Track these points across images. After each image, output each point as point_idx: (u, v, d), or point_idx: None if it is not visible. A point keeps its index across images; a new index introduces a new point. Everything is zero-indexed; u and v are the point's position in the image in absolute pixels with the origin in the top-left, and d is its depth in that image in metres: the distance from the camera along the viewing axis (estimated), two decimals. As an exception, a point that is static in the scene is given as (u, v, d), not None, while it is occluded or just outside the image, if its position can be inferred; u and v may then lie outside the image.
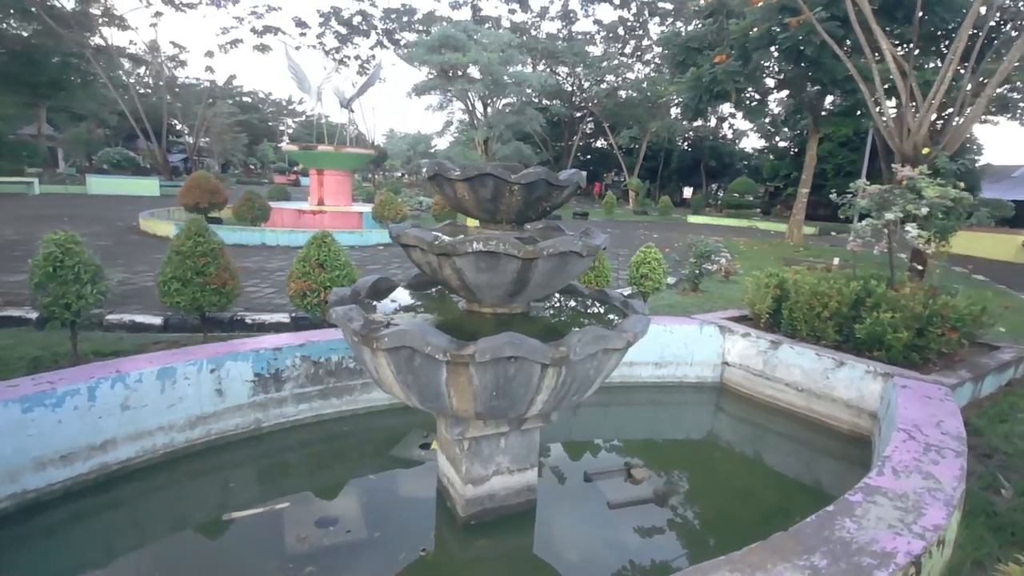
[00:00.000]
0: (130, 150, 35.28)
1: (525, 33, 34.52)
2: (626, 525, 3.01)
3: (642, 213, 28.56)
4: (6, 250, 9.01)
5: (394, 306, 2.93)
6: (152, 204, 18.08)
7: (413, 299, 3.12)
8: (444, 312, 2.90)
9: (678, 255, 8.35)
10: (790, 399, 4.56)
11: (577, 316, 3.06)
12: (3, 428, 2.75)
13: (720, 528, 3.09)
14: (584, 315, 3.08)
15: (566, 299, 3.35)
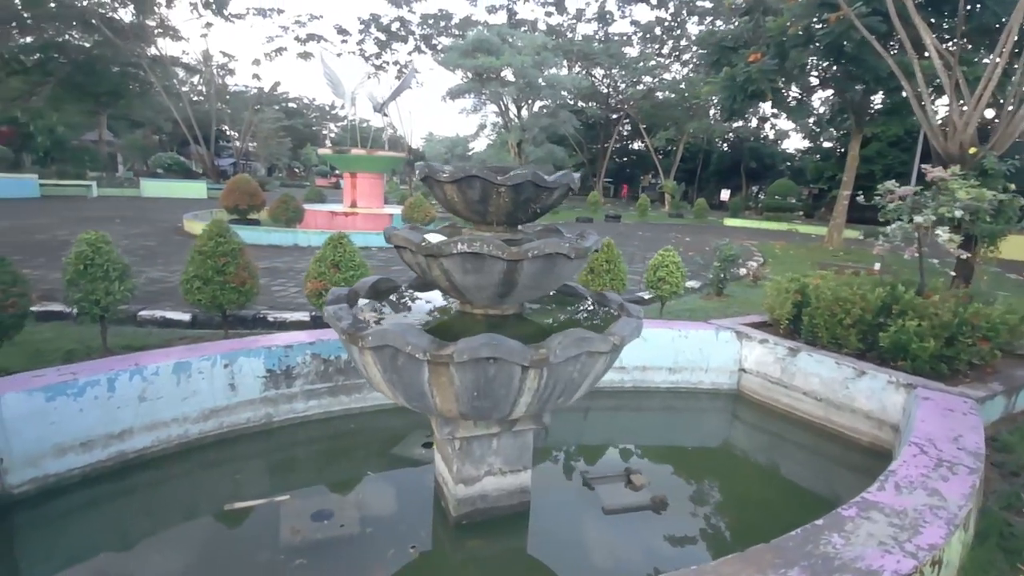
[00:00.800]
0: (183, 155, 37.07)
1: (561, 36, 34.46)
2: (619, 531, 2.97)
3: (677, 216, 28.03)
4: (57, 250, 9.59)
5: (389, 306, 2.98)
6: (199, 206, 18.90)
7: (411, 300, 3.16)
8: (439, 313, 2.93)
9: (702, 258, 8.15)
10: (808, 409, 4.39)
11: (572, 318, 3.04)
12: (27, 415, 2.94)
13: (717, 539, 3.01)
14: (579, 317, 3.06)
15: (564, 301, 3.32)
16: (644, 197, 26.81)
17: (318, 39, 34.49)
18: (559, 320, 3.00)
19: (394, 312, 2.93)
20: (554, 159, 29.45)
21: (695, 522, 3.12)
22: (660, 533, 2.97)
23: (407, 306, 3.06)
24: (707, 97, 14.42)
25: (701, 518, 3.17)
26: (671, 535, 2.98)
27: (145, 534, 2.89)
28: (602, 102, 37.04)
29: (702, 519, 3.17)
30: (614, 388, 4.88)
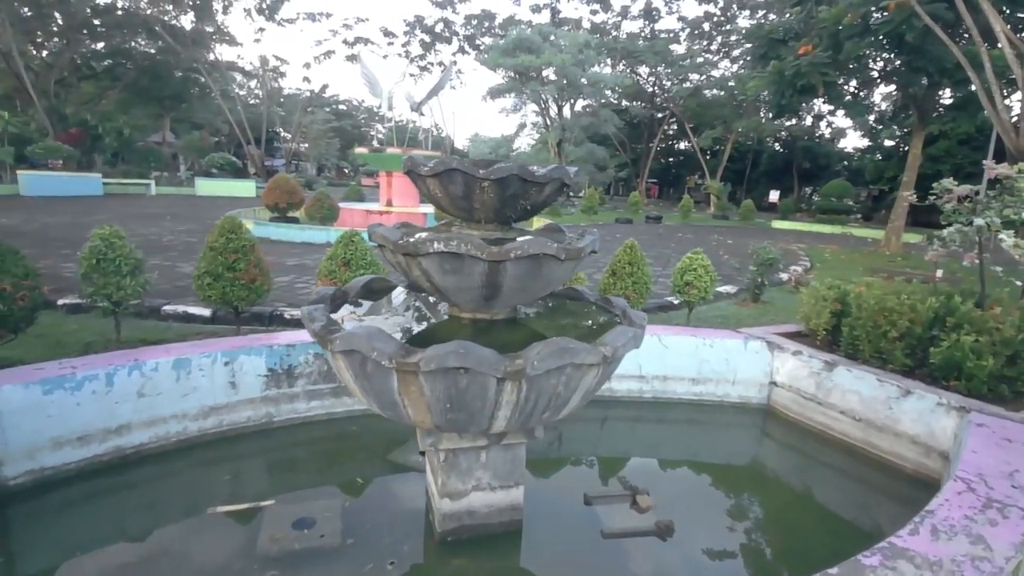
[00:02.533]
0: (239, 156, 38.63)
1: (605, 34, 33.89)
2: (615, 559, 2.72)
3: (722, 218, 27.02)
4: (108, 244, 10.03)
5: (374, 308, 2.84)
6: (247, 204, 19.56)
7: (404, 301, 3.02)
8: (430, 316, 2.77)
9: (739, 262, 7.69)
10: (845, 429, 3.99)
11: (568, 324, 2.82)
12: (24, 408, 2.96)
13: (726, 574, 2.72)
14: (577, 323, 2.83)
15: (565, 306, 3.10)
16: (687, 198, 25.98)
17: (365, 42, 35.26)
18: (557, 326, 2.78)
19: (381, 314, 2.78)
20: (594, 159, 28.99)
21: (703, 554, 2.83)
22: (661, 564, 2.71)
23: (397, 308, 2.92)
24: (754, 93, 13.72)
25: (710, 549, 2.88)
26: (672, 568, 2.71)
27: (132, 532, 2.86)
28: (646, 101, 36.25)
29: (711, 550, 2.87)
30: (632, 398, 4.60)
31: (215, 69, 34.96)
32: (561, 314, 2.99)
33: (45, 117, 28.51)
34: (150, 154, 33.05)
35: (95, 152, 31.76)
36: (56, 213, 14.95)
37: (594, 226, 19.50)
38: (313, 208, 12.47)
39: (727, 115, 32.31)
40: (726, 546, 2.90)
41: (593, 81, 25.45)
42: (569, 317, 2.95)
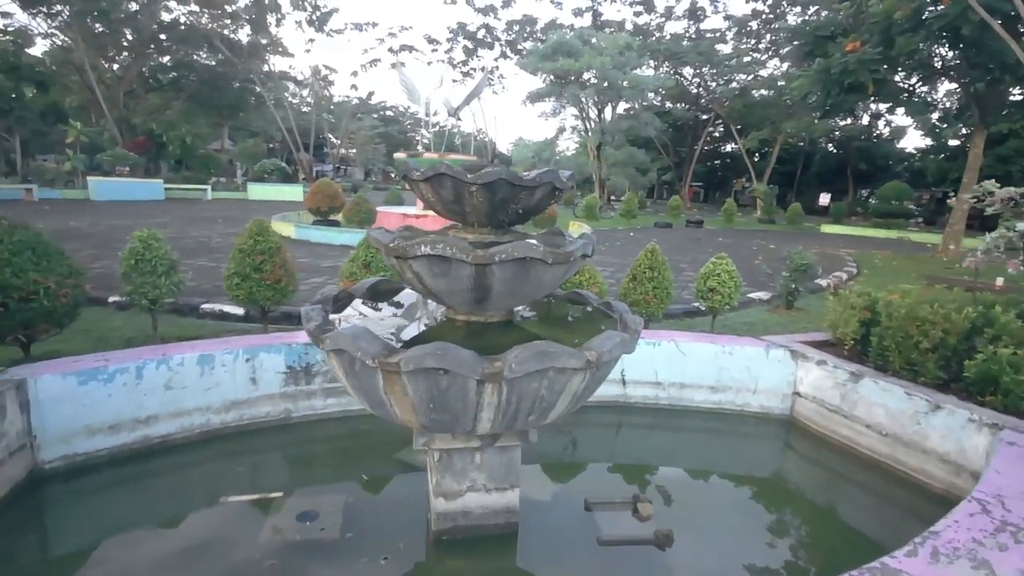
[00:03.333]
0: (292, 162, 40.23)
1: (648, 35, 33.42)
2: (610, 567, 2.69)
3: (768, 222, 26.09)
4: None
5: (377, 309, 2.92)
6: (295, 207, 20.31)
7: (413, 303, 3.08)
8: (427, 319, 2.82)
9: (770, 267, 7.43)
10: (871, 444, 3.80)
11: (566, 327, 2.81)
12: (60, 397, 3.19)
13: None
14: (575, 327, 2.82)
15: (566, 309, 3.09)
16: (730, 201, 25.22)
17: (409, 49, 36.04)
18: (553, 329, 2.78)
19: (383, 315, 2.86)
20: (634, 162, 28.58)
21: (700, 567, 2.76)
22: (652, 574, 2.66)
23: (404, 310, 2.98)
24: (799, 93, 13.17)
25: (709, 563, 2.81)
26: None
27: (153, 517, 3.03)
28: (690, 102, 35.49)
29: (710, 564, 2.80)
30: (648, 405, 4.53)
31: (269, 79, 36.57)
32: (560, 317, 2.99)
33: (115, 127, 30.55)
34: (209, 161, 34.87)
35: (160, 159, 33.80)
36: (120, 216, 15.98)
37: (632, 230, 19.24)
38: (352, 212, 12.86)
39: (776, 116, 31.21)
40: (727, 561, 2.82)
41: (634, 83, 25.13)
42: (567, 320, 2.94)
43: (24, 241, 3.56)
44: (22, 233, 3.60)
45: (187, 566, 2.57)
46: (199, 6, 31.69)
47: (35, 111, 29.05)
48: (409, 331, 2.66)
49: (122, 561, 2.60)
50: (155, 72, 36.83)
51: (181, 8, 31.82)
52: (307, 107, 43.49)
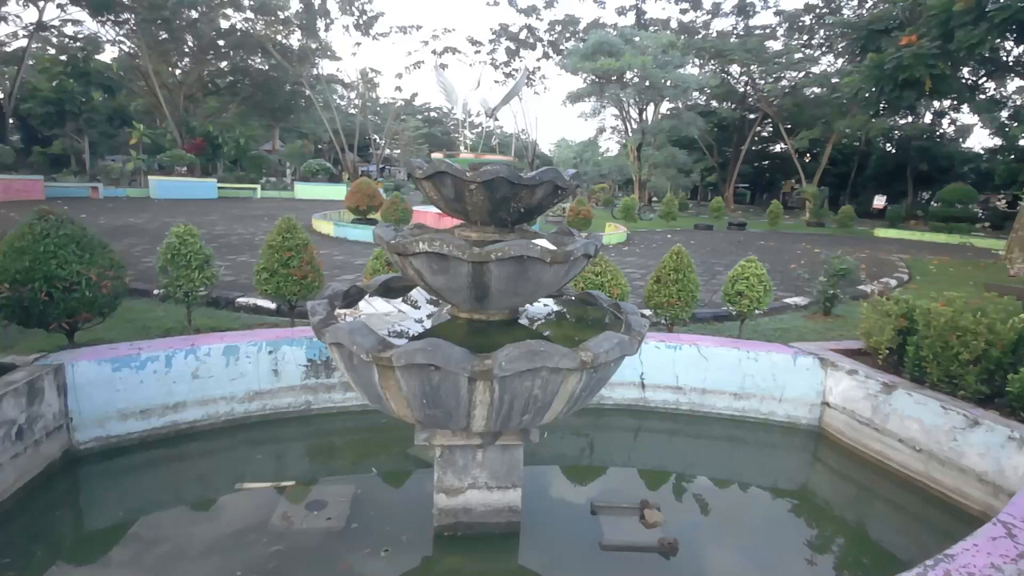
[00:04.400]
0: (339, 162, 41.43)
1: (694, 33, 32.64)
2: (611, 571, 2.64)
3: (817, 225, 25.00)
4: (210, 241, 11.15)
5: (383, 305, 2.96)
6: (338, 206, 20.86)
7: (418, 301, 3.12)
8: (435, 317, 2.84)
9: (807, 271, 7.11)
10: (903, 460, 3.59)
11: (571, 327, 2.78)
12: (96, 382, 3.39)
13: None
14: (581, 327, 2.79)
15: (574, 309, 3.06)
16: (776, 203, 24.30)
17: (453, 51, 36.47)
18: (559, 328, 2.76)
19: (390, 311, 2.90)
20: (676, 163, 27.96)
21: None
22: (655, 583, 2.60)
23: (411, 306, 3.02)
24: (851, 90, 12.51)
25: (715, 574, 2.72)
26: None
27: (177, 499, 3.20)
28: (737, 101, 34.44)
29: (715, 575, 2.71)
30: (668, 409, 4.43)
31: (318, 82, 37.76)
32: (568, 317, 2.96)
33: (175, 129, 32.22)
34: (261, 161, 36.31)
35: (216, 159, 35.43)
36: (176, 214, 16.84)
37: (670, 232, 18.85)
38: (389, 211, 13.12)
39: (829, 114, 29.89)
40: (728, 572, 2.72)
41: (676, 83, 24.59)
42: (574, 320, 2.91)
43: (69, 235, 3.80)
44: (68, 227, 3.84)
45: (199, 546, 2.68)
46: (254, 13, 33.05)
47: (103, 114, 30.93)
48: (417, 328, 2.69)
49: (145, 538, 2.74)
50: (213, 77, 38.62)
51: (237, 15, 33.30)
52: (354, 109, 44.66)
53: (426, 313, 2.86)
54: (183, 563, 2.56)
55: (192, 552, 2.64)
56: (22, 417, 2.91)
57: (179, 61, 35.49)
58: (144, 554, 2.62)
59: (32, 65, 29.99)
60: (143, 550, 2.65)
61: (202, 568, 2.53)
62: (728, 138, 37.41)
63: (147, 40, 30.36)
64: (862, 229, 23.88)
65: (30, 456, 2.97)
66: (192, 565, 2.55)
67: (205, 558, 2.60)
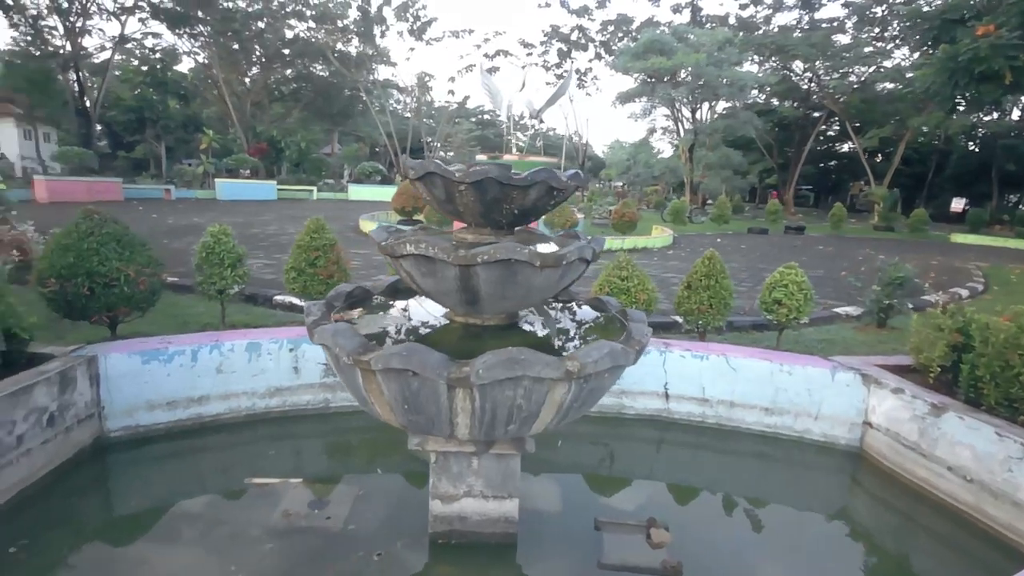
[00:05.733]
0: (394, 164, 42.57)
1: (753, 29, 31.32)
2: (606, 593, 2.51)
3: (885, 229, 23.38)
4: (260, 240, 11.69)
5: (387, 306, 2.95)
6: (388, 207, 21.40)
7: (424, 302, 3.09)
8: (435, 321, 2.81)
9: (858, 280, 6.60)
10: (952, 490, 3.25)
11: (571, 334, 2.67)
12: (126, 374, 3.57)
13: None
14: (582, 334, 2.67)
15: (580, 314, 2.94)
16: (839, 206, 22.91)
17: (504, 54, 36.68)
18: (559, 334, 2.66)
19: (393, 315, 2.88)
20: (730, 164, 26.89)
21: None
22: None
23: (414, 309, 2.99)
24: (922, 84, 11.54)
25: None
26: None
27: (196, 488, 3.31)
28: (800, 99, 32.78)
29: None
30: (692, 422, 4.22)
31: (374, 87, 38.93)
32: (572, 323, 2.85)
33: (242, 134, 34.06)
34: (320, 164, 37.80)
35: (279, 162, 37.17)
36: (236, 214, 17.75)
37: (720, 236, 18.14)
38: (431, 211, 13.29)
39: (902, 111, 27.94)
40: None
41: (732, 80, 23.65)
42: (577, 327, 2.80)
43: (111, 233, 4.02)
44: (110, 226, 4.07)
45: (204, 537, 2.76)
46: (316, 22, 34.48)
47: (178, 121, 33.12)
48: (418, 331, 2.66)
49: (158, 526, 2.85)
50: (278, 84, 40.58)
51: (301, 25, 34.86)
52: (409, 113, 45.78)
53: (428, 317, 2.83)
54: (182, 550, 2.64)
55: (195, 542, 2.72)
56: (53, 405, 3.08)
57: (248, 70, 37.49)
58: (149, 541, 2.72)
59: (117, 76, 32.48)
60: (151, 537, 2.75)
61: (201, 558, 2.60)
62: (789, 138, 35.67)
63: (219, 51, 32.28)
64: (937, 234, 22.17)
65: (60, 442, 3.15)
66: (190, 554, 2.62)
67: (206, 549, 2.67)
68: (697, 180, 28.41)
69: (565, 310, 3.01)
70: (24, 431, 2.86)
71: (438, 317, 2.76)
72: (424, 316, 2.82)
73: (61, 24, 25.95)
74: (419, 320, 2.75)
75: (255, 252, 10.08)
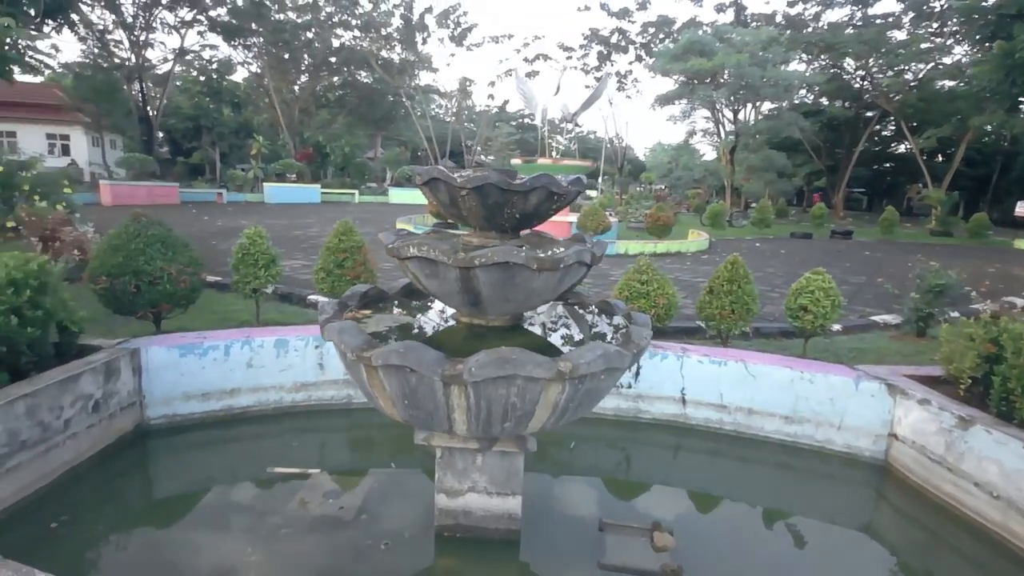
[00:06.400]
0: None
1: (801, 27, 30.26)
2: (603, 592, 2.54)
3: (943, 234, 22.14)
4: (301, 242, 12.15)
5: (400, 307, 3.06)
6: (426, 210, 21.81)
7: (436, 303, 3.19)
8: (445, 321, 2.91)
9: (896, 287, 6.32)
10: (978, 507, 3.11)
11: (576, 336, 2.72)
12: (165, 366, 3.82)
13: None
14: (588, 335, 2.72)
15: (585, 317, 2.99)
16: (890, 210, 21.85)
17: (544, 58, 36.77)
18: (563, 336, 2.71)
19: (403, 315, 2.99)
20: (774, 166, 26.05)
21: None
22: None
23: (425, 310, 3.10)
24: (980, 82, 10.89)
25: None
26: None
27: (226, 475, 3.53)
28: (851, 98, 31.45)
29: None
30: (710, 428, 4.17)
31: (416, 93, 39.77)
32: (578, 325, 2.89)
33: (290, 140, 35.39)
34: (363, 168, 38.85)
35: (325, 167, 38.42)
36: (281, 217, 18.48)
37: (760, 240, 17.62)
38: (466, 216, 13.50)
39: (962, 110, 26.37)
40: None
41: (776, 80, 22.93)
42: (584, 329, 2.84)
43: (156, 235, 4.32)
44: (156, 228, 4.37)
45: (225, 518, 2.95)
46: (361, 31, 35.53)
47: (231, 128, 34.68)
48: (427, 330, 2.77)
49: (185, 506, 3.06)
50: (325, 91, 41.97)
51: (346, 34, 35.97)
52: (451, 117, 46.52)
53: (437, 317, 2.93)
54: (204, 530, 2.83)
55: (218, 524, 2.91)
56: (99, 393, 3.35)
57: (296, 78, 38.94)
58: (176, 520, 2.92)
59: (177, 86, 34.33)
60: (178, 517, 2.96)
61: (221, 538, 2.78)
62: (839, 139, 34.24)
63: (271, 60, 33.69)
64: (1000, 239, 20.85)
65: (104, 427, 3.41)
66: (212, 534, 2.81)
67: (226, 530, 2.85)
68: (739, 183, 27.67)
69: (573, 312, 3.05)
70: (71, 416, 3.11)
71: (446, 318, 2.86)
72: (433, 317, 2.93)
73: (126, 38, 27.66)
74: (427, 320, 2.86)
75: (294, 254, 10.51)
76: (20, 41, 11.75)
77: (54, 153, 31.12)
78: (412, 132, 47.08)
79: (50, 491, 2.98)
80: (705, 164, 37.21)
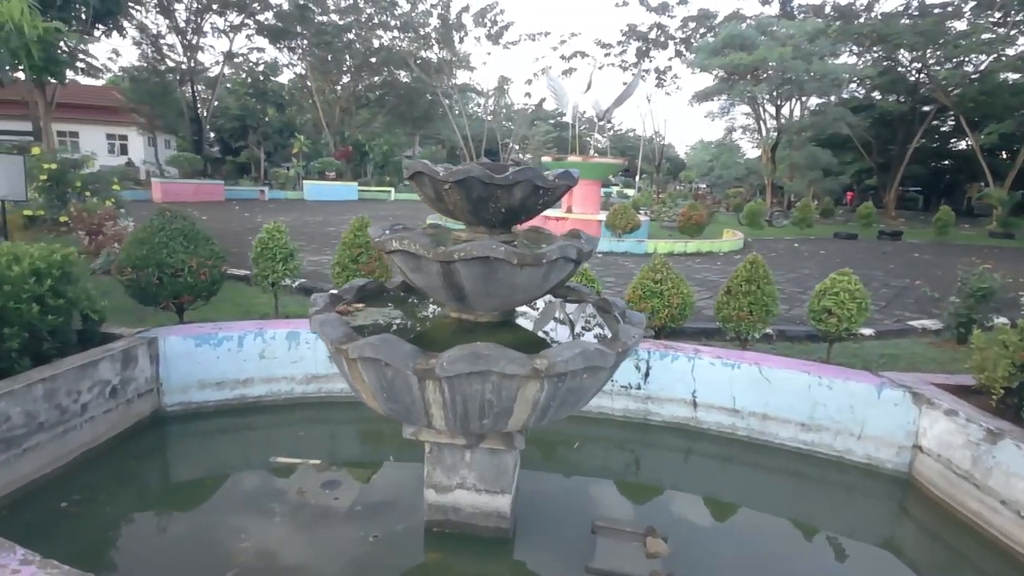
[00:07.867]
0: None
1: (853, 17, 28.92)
2: (587, 596, 2.48)
3: (1004, 236, 20.77)
4: (332, 238, 12.44)
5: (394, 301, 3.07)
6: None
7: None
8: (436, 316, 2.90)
9: (934, 291, 5.94)
10: (1004, 526, 2.89)
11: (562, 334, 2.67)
12: (181, 355, 3.97)
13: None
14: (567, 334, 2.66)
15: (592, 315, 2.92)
16: (944, 209, 20.66)
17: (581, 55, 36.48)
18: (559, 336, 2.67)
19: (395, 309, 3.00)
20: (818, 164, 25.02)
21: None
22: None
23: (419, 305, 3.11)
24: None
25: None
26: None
27: (235, 463, 3.64)
28: (906, 92, 29.89)
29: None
30: (722, 433, 4.03)
31: (454, 91, 40.13)
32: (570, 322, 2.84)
33: (331, 139, 36.32)
34: (402, 166, 39.55)
35: (364, 165, 39.27)
36: (317, 214, 18.99)
37: (799, 240, 16.96)
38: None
39: (1028, 103, 24.76)
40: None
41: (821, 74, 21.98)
42: (573, 326, 2.78)
43: (179, 229, 4.50)
44: (179, 223, 4.54)
45: (225, 503, 3.04)
46: (400, 31, 36.10)
47: (275, 127, 35.90)
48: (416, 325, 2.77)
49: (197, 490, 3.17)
50: (365, 91, 42.85)
51: (386, 35, 36.61)
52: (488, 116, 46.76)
53: (429, 312, 2.93)
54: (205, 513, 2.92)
55: (218, 508, 3.00)
56: (116, 379, 3.50)
57: (338, 79, 39.91)
58: (178, 503, 3.02)
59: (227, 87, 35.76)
60: (181, 500, 3.07)
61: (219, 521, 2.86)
62: (891, 135, 32.59)
63: (314, 61, 34.64)
64: (1068, 242, 19.45)
65: (122, 412, 3.56)
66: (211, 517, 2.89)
67: (224, 514, 2.94)
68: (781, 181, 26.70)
69: (571, 310, 3.00)
70: (88, 400, 3.26)
71: (438, 313, 2.85)
72: (426, 312, 2.93)
73: (179, 42, 28.98)
74: (418, 315, 2.86)
75: (324, 249, 10.78)
76: (70, 43, 12.43)
77: (113, 152, 32.94)
78: (450, 131, 47.55)
79: (68, 472, 3.14)
80: (747, 163, 36.13)
